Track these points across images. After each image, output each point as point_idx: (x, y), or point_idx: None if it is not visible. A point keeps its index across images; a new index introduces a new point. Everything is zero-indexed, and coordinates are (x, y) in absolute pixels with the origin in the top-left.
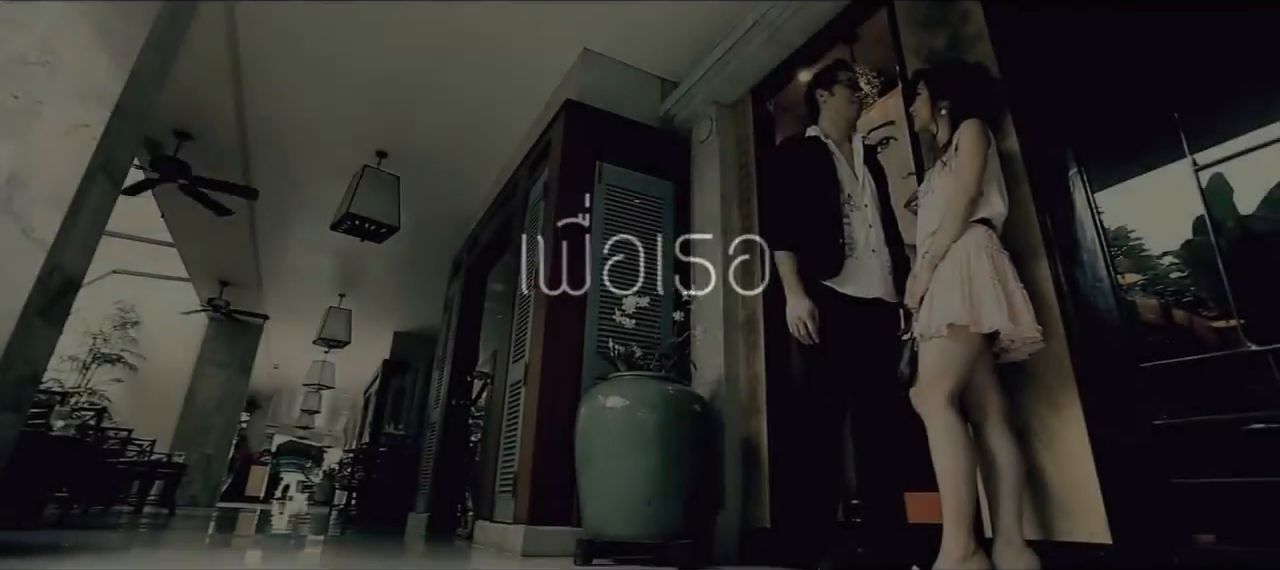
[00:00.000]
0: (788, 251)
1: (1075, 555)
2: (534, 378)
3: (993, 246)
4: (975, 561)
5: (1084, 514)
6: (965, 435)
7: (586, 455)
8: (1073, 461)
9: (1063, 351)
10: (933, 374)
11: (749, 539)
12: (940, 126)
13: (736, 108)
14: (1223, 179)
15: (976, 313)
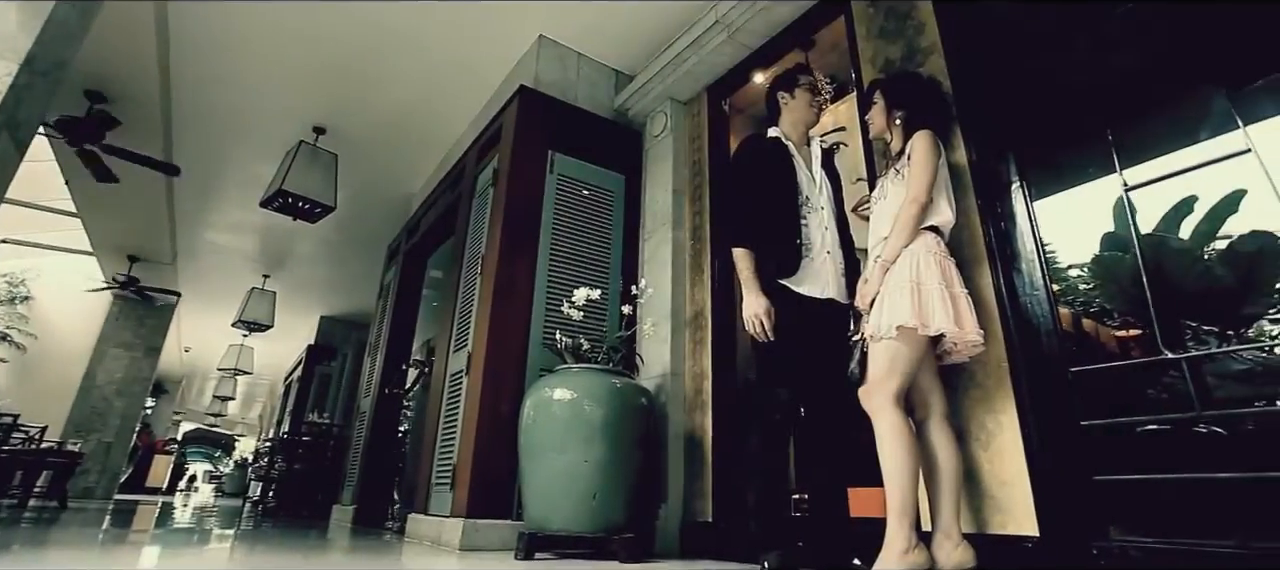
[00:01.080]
0: (746, 249)
1: (1006, 547)
2: (477, 367)
3: (941, 253)
4: (916, 554)
5: (1014, 509)
6: (910, 433)
7: (531, 447)
8: (1006, 459)
9: (1001, 355)
10: (881, 374)
11: (690, 533)
12: (894, 135)
13: (691, 105)
14: (1126, 200)
15: (925, 316)
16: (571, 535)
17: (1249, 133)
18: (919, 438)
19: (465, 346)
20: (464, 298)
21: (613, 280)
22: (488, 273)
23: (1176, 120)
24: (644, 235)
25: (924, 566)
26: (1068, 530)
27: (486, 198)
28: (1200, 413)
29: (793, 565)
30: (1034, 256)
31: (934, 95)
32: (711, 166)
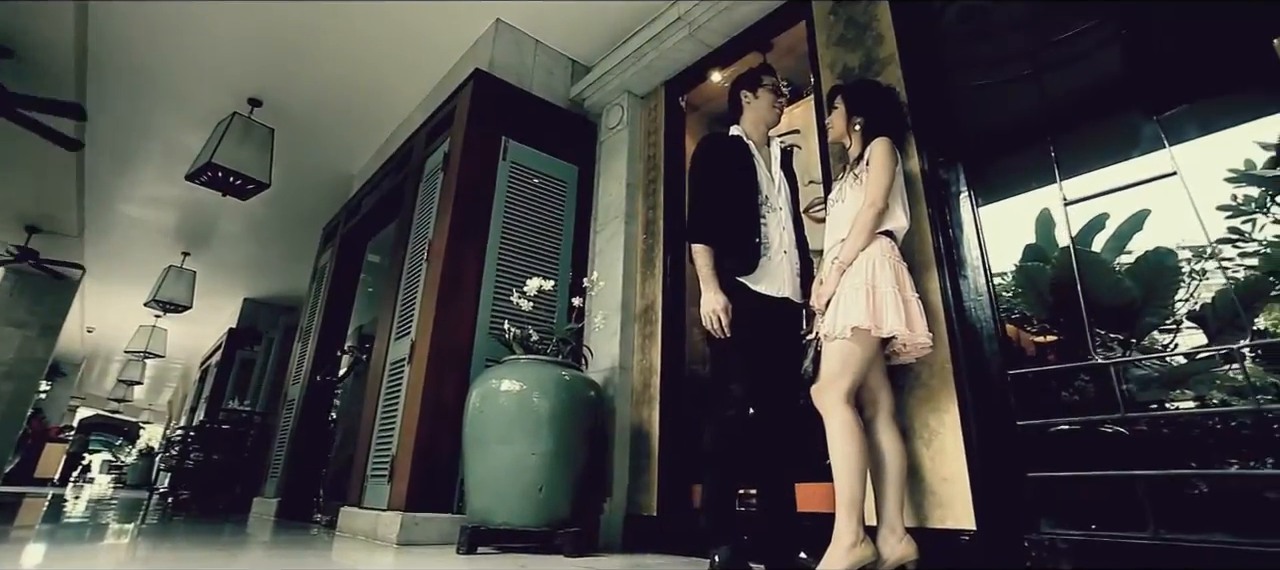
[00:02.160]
0: (706, 246)
1: (945, 540)
2: (421, 356)
3: (894, 257)
4: (863, 548)
5: (954, 504)
6: (861, 431)
7: (476, 439)
8: (947, 457)
9: (946, 358)
10: (834, 373)
11: (633, 527)
12: (854, 140)
13: (649, 99)
14: (1048, 213)
15: (878, 318)
16: (516, 529)
17: (1173, 154)
18: (867, 435)
19: (408, 334)
20: (408, 284)
21: (562, 272)
22: (435, 259)
23: (1106, 140)
24: (596, 228)
25: (870, 560)
26: (1003, 524)
27: (435, 182)
28: (1125, 414)
29: (743, 560)
30: (979, 264)
31: (892, 104)
32: (667, 162)
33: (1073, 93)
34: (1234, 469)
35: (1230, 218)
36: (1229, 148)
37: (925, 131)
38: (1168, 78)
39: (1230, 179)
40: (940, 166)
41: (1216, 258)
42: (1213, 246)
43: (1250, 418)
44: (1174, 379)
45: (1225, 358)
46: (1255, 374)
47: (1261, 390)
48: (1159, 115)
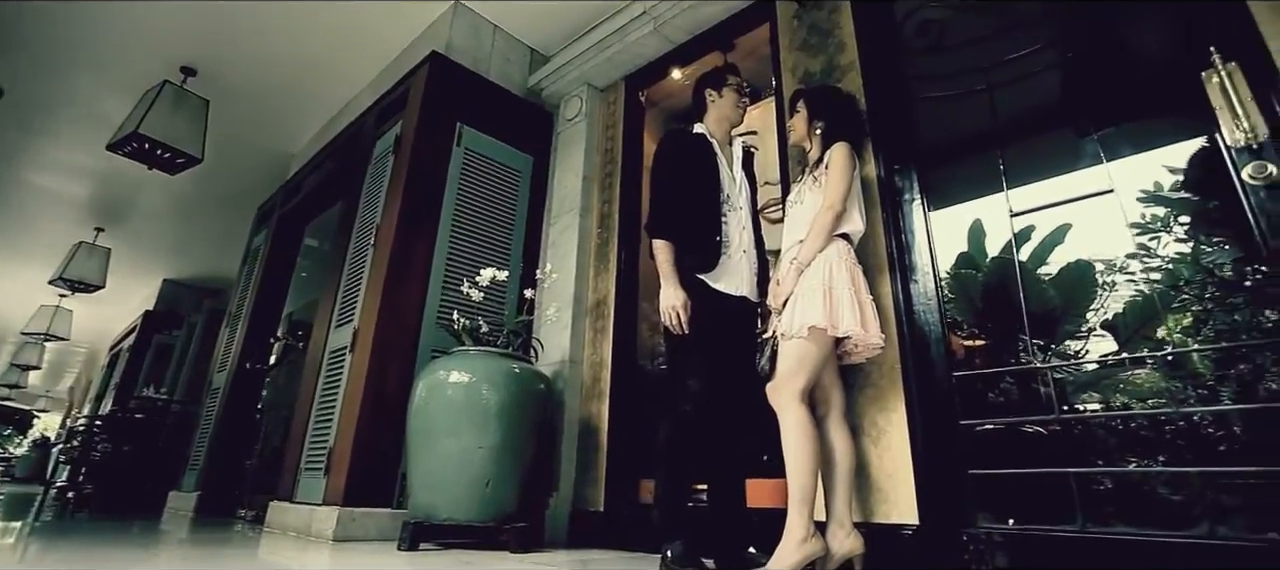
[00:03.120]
0: (667, 241)
1: (889, 535)
2: (364, 345)
3: (851, 260)
4: (814, 543)
5: (899, 500)
6: (814, 429)
7: (421, 432)
8: (894, 454)
9: (895, 359)
10: (790, 371)
11: (579, 522)
12: (814, 144)
13: (608, 92)
14: (980, 224)
15: (834, 318)
16: (461, 524)
17: (1110, 172)
18: (818, 432)
19: (350, 322)
20: (351, 270)
21: (514, 263)
22: (382, 245)
23: (1047, 154)
24: (549, 219)
25: (819, 554)
26: (944, 519)
27: (385, 165)
28: (1059, 415)
29: (695, 554)
30: (929, 269)
31: (852, 111)
32: (625, 156)
33: (1019, 109)
34: (1161, 464)
35: (1139, 235)
36: (1142, 169)
37: (882, 139)
38: (1098, 101)
39: (1141, 199)
40: (896, 173)
41: (1125, 271)
42: (1122, 261)
43: (1169, 420)
44: (1085, 383)
45: (1135, 364)
46: (1152, 380)
47: (1156, 395)
48: (1084, 135)
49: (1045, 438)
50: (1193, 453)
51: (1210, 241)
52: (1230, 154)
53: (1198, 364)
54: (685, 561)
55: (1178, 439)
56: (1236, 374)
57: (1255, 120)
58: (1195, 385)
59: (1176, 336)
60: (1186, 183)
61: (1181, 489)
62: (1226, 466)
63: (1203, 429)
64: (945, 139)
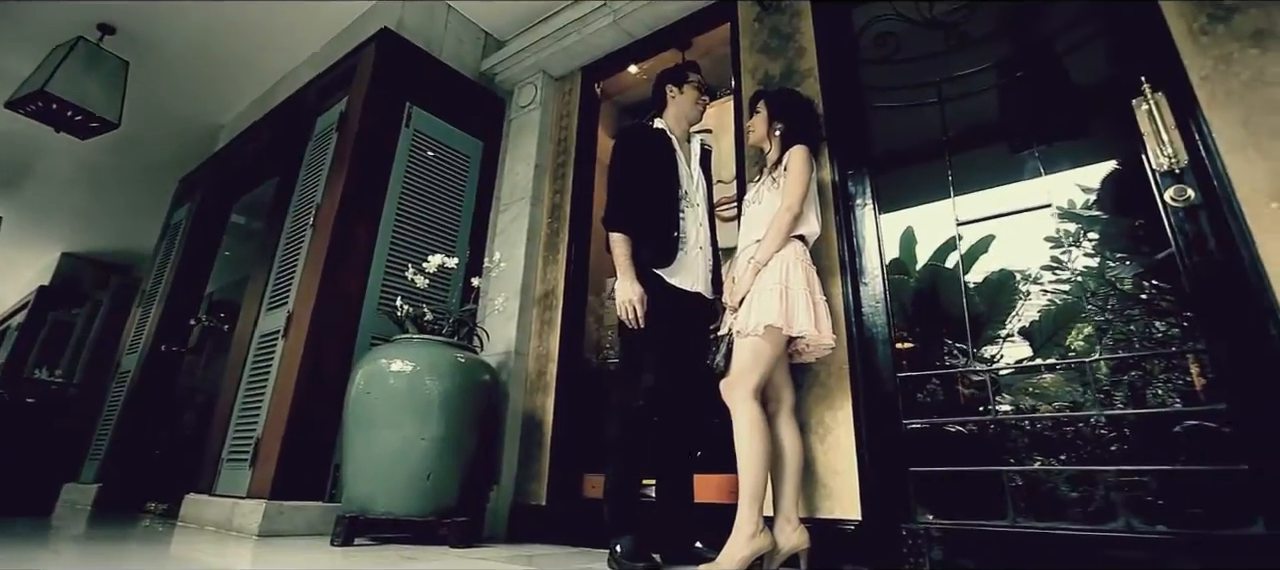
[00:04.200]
0: (625, 235)
1: (833, 529)
2: (299, 330)
3: (805, 261)
4: (762, 538)
5: (843, 496)
6: (766, 426)
7: (360, 422)
8: (839, 452)
9: (844, 359)
10: (745, 368)
11: (520, 515)
12: (773, 145)
13: (564, 82)
14: (911, 231)
15: (790, 317)
16: (399, 518)
17: (1049, 186)
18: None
19: (284, 305)
20: (287, 250)
21: (460, 250)
22: (323, 226)
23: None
24: (498, 207)
25: (768, 549)
26: (885, 515)
27: (328, 143)
28: (994, 416)
29: (645, 550)
30: (878, 273)
31: (812, 115)
32: (579, 147)
33: (960, 124)
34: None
35: (1053, 248)
36: (1057, 187)
37: (838, 144)
38: (1032, 121)
39: (1056, 214)
40: (849, 178)
41: (1039, 282)
42: (1036, 272)
43: (1070, 421)
44: (1000, 386)
45: (1049, 369)
46: (1057, 384)
47: (1060, 397)
48: (1018, 151)
49: (965, 437)
50: (1088, 452)
51: (1114, 257)
52: (1155, 177)
53: (1098, 369)
54: (635, 556)
55: (1077, 439)
56: (1128, 380)
57: (1178, 147)
58: (1094, 390)
59: (1079, 344)
60: (1099, 202)
61: (1081, 485)
62: (1147, 466)
63: (1097, 430)
64: (887, 147)
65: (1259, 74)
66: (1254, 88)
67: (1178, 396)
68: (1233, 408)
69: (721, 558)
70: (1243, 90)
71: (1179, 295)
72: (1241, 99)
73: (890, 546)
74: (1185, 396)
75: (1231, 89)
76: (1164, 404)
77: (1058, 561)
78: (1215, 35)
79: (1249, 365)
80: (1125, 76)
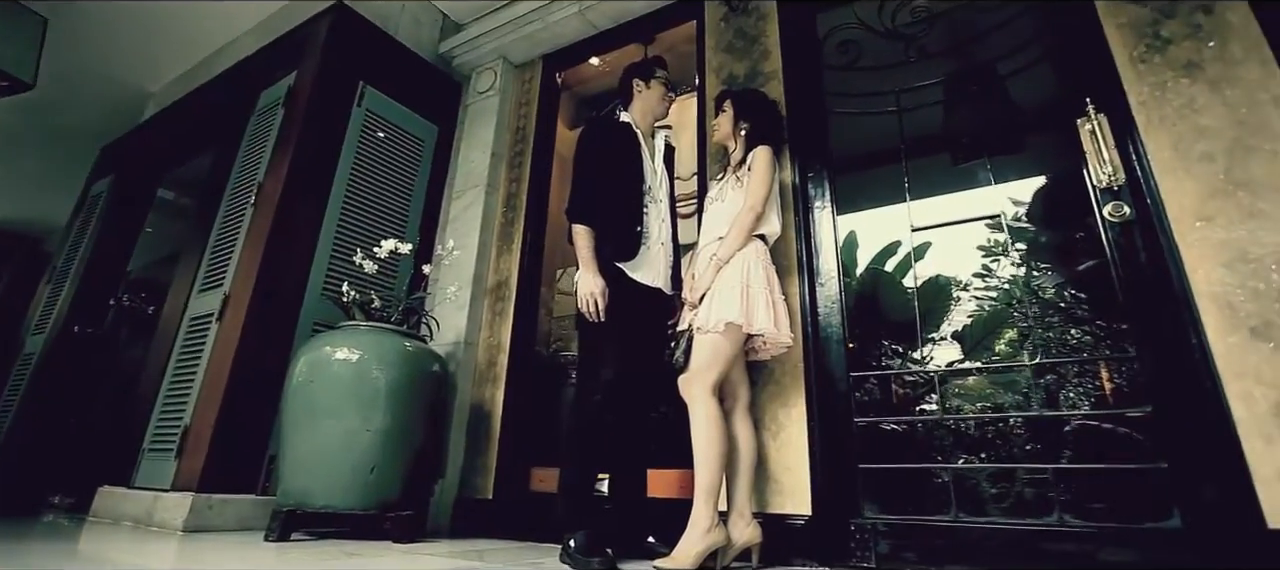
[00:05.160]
0: (588, 227)
1: (784, 524)
2: (237, 313)
3: (766, 260)
4: (717, 533)
5: (794, 491)
6: (723, 422)
7: (301, 411)
8: (792, 448)
9: (799, 357)
10: (704, 364)
11: (465, 509)
12: (738, 144)
13: (525, 70)
14: (854, 235)
15: (750, 315)
16: (339, 511)
17: (1008, 197)
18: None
19: (220, 287)
20: (224, 229)
21: (410, 235)
22: (265, 205)
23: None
24: (452, 193)
25: (722, 544)
26: (834, 510)
27: (273, 118)
28: (942, 417)
29: (600, 545)
30: (835, 274)
31: (776, 116)
32: (537, 136)
33: (912, 134)
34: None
35: (984, 257)
36: (989, 200)
37: (799, 146)
38: (972, 135)
39: (1000, 225)
40: (809, 180)
41: (970, 289)
42: (968, 280)
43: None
44: (931, 387)
45: (993, 371)
46: (979, 386)
47: (983, 399)
48: (959, 163)
49: (898, 434)
50: (1006, 450)
51: (1038, 268)
52: (1095, 193)
53: (1018, 374)
54: (589, 551)
55: (996, 439)
56: (1044, 383)
57: (1116, 165)
58: (1014, 392)
59: (1002, 349)
60: (1029, 215)
61: (999, 482)
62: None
63: (1014, 430)
64: (855, 151)
65: (1189, 102)
66: (1184, 115)
67: (1086, 400)
68: (1157, 410)
69: (676, 552)
70: (1175, 116)
71: (1095, 305)
72: (1173, 124)
73: (839, 541)
74: (1097, 400)
75: (1165, 115)
76: (1075, 406)
77: (997, 554)
78: (1152, 64)
79: (1172, 371)
80: (1071, 97)
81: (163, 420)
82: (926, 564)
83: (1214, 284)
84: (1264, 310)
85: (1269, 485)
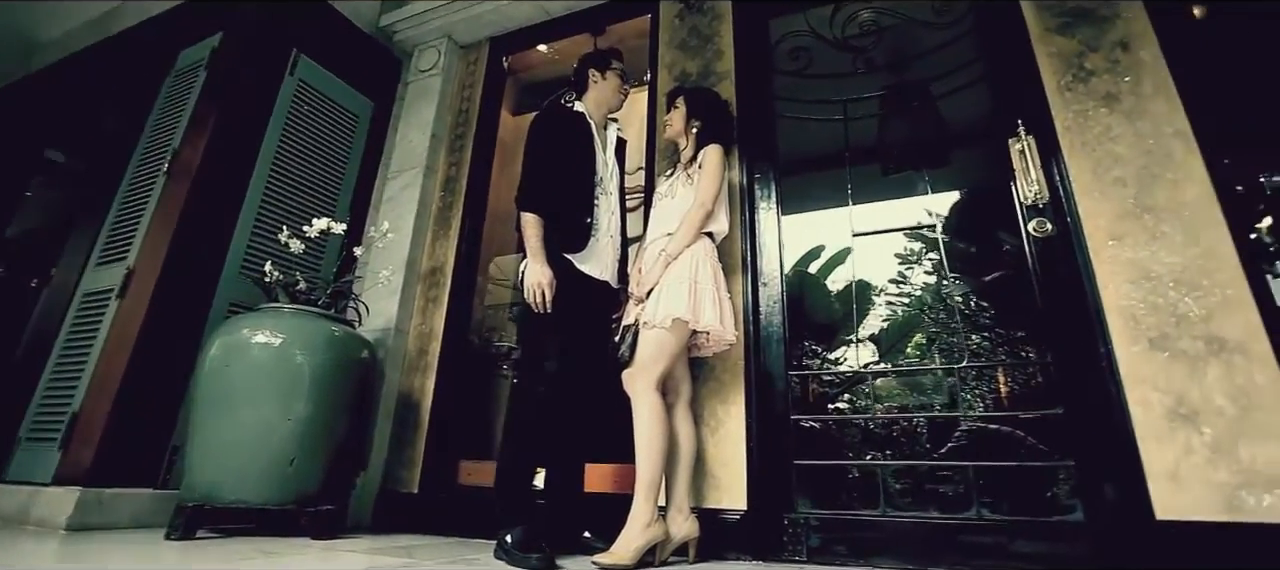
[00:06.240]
0: (539, 216)
1: (720, 519)
2: (142, 290)
3: (714, 258)
4: (656, 527)
5: (731, 487)
6: (666, 418)
7: (214, 399)
8: (729, 444)
9: (740, 355)
10: (649, 358)
11: (388, 504)
12: (690, 141)
13: (470, 51)
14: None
15: (697, 312)
16: (252, 506)
17: (942, 205)
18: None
19: (122, 260)
20: (129, 198)
21: (340, 215)
22: (181, 174)
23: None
24: (387, 173)
25: (661, 538)
26: (769, 505)
27: (194, 81)
28: (873, 416)
29: (537, 540)
30: (777, 274)
31: (728, 116)
32: (480, 120)
33: (860, 142)
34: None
35: (901, 264)
36: (908, 210)
37: (747, 147)
38: (903, 147)
39: (906, 234)
40: (757, 181)
41: (886, 294)
42: (884, 285)
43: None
44: (845, 386)
45: (913, 372)
46: (887, 386)
47: (890, 398)
48: (888, 173)
49: (815, 431)
50: (911, 448)
51: (949, 277)
52: (1021, 208)
53: (923, 377)
54: (527, 546)
55: (900, 437)
56: (948, 386)
57: (1042, 184)
58: (919, 393)
59: (911, 351)
60: (944, 227)
61: (903, 478)
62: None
63: (917, 428)
64: (801, 155)
65: (1106, 130)
66: (1102, 141)
67: (980, 401)
68: (1069, 411)
69: (616, 548)
70: (1094, 142)
71: (999, 313)
72: (1093, 149)
73: (773, 535)
74: (994, 402)
75: (1086, 140)
76: (972, 407)
77: (921, 547)
78: (1077, 92)
79: (1082, 376)
80: (1004, 117)
81: (46, 405)
82: (856, 557)
83: (1121, 298)
84: (1161, 323)
85: (1159, 481)
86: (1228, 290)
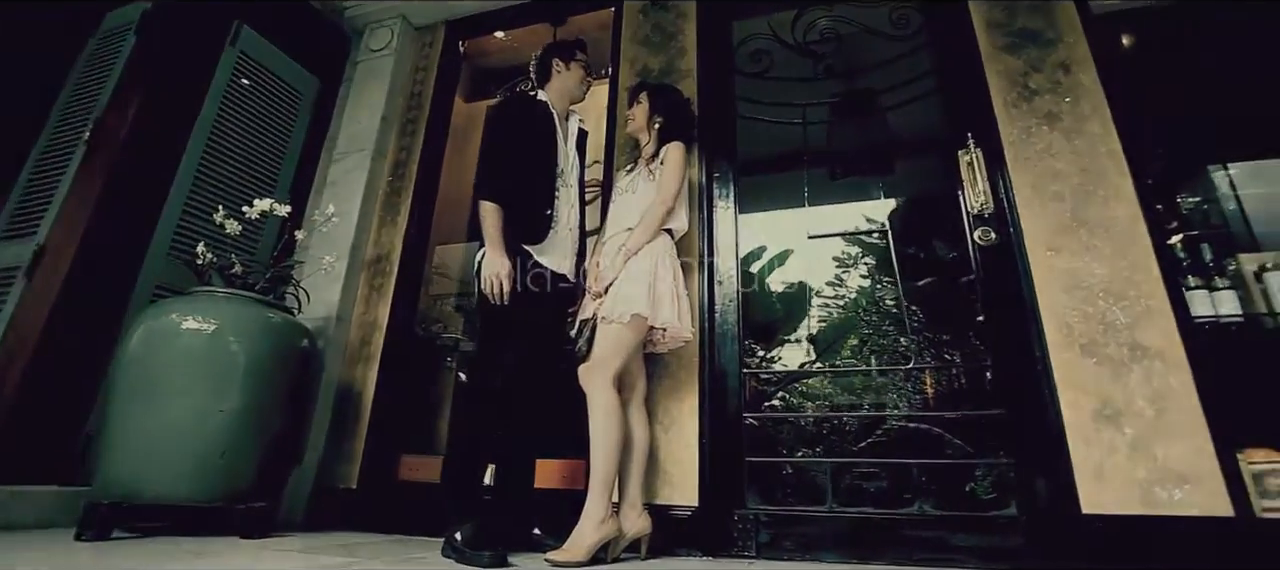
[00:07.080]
0: (498, 206)
1: (672, 514)
2: (53, 269)
3: (673, 254)
4: (610, 524)
5: (683, 483)
6: (621, 414)
7: (136, 388)
8: (682, 441)
9: (695, 352)
10: (606, 354)
11: (325, 500)
12: (651, 137)
13: (425, 33)
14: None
15: (656, 308)
16: (176, 503)
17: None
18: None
19: (32, 236)
20: (41, 167)
21: (280, 197)
22: (105, 145)
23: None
24: (332, 155)
25: (614, 535)
26: (720, 502)
27: (122, 45)
28: (835, 414)
29: (486, 537)
30: (734, 273)
31: (690, 114)
32: (434, 105)
33: (814, 145)
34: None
35: (838, 268)
36: (846, 216)
37: (707, 146)
38: (851, 154)
39: (845, 239)
40: (715, 180)
41: (822, 296)
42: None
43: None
44: (781, 385)
45: (866, 372)
46: (820, 386)
47: (825, 397)
48: (836, 179)
49: (754, 428)
50: (840, 446)
51: (882, 281)
52: (968, 217)
53: (860, 378)
54: (477, 543)
55: (832, 435)
56: (875, 386)
57: (987, 195)
58: (850, 393)
59: (845, 353)
60: (892, 230)
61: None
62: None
63: (846, 427)
64: (757, 156)
65: (1048, 147)
66: (1043, 157)
67: (906, 401)
68: (1008, 410)
69: (570, 544)
70: (1036, 158)
71: (928, 317)
72: (1035, 164)
73: (723, 531)
74: (921, 404)
75: (1029, 155)
76: (897, 406)
77: (867, 541)
78: (1022, 109)
79: (1020, 379)
80: (954, 129)
81: None
82: (804, 552)
83: (1057, 306)
84: (1091, 330)
85: (1086, 478)
86: (1150, 301)
